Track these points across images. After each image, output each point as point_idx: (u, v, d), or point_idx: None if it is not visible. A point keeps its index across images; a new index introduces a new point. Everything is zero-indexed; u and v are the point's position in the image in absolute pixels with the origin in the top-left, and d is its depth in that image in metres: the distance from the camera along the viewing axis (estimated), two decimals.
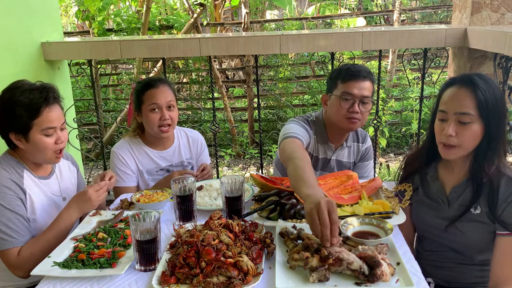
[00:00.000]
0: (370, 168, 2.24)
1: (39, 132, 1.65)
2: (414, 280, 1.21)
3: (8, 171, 1.66)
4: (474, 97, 1.46)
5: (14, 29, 2.46)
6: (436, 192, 1.67)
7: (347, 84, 1.98)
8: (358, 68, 2.01)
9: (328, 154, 2.16)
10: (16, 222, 1.60)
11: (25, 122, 1.62)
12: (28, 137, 1.65)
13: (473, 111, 1.47)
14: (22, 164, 1.72)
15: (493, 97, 1.47)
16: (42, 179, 1.78)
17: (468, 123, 1.47)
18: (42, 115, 1.64)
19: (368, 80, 1.99)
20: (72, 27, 10.58)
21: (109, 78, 7.36)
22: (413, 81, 5.77)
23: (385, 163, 5.33)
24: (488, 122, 1.47)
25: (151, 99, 2.08)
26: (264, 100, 6.47)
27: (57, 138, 1.69)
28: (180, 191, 1.60)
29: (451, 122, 1.50)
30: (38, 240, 1.61)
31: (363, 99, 1.98)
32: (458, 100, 1.49)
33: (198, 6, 5.81)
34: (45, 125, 1.64)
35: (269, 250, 1.38)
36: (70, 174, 1.94)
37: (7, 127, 1.66)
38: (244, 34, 3.17)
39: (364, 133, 2.23)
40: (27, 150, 1.69)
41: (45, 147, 1.67)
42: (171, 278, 1.25)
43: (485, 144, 1.50)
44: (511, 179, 1.50)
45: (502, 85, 2.48)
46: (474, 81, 1.48)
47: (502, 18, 2.61)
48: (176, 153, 2.25)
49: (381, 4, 11.54)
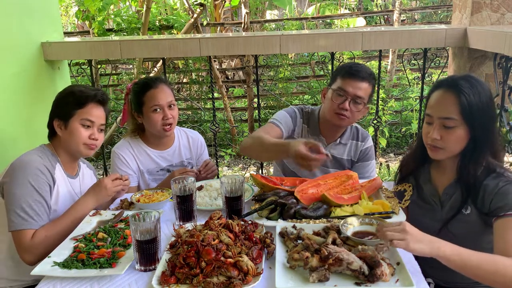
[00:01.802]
0: (371, 168, 2.23)
1: (78, 121, 1.79)
2: (414, 280, 1.21)
3: (43, 158, 1.76)
4: (458, 102, 1.47)
5: (14, 29, 2.46)
6: (429, 194, 1.67)
7: (344, 81, 2.01)
8: (360, 68, 2.03)
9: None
10: (39, 205, 1.67)
11: (70, 109, 1.79)
12: (67, 124, 1.79)
13: (456, 116, 1.48)
14: (56, 157, 1.82)
15: (478, 100, 1.47)
16: (69, 177, 1.87)
17: (452, 127, 1.49)
18: (86, 108, 1.80)
19: (365, 82, 2.01)
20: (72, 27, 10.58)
21: (109, 78, 7.36)
22: (413, 81, 5.77)
23: (385, 163, 5.33)
24: (473, 126, 1.48)
25: (153, 100, 2.08)
26: (264, 100, 6.47)
27: (92, 133, 1.81)
28: (180, 191, 1.60)
29: (436, 126, 1.52)
30: (54, 224, 1.67)
31: (355, 98, 2.00)
32: (442, 104, 1.51)
33: (198, 6, 5.81)
34: (85, 116, 1.79)
35: (269, 250, 1.38)
36: (90, 181, 2.01)
37: (55, 113, 1.81)
38: (244, 34, 3.17)
39: (365, 133, 2.23)
40: (63, 138, 1.81)
41: (79, 137, 1.79)
42: (171, 278, 1.25)
43: (471, 147, 1.51)
44: (499, 175, 1.50)
45: (502, 85, 2.48)
46: (458, 85, 1.49)
47: (502, 18, 2.61)
48: (176, 153, 2.25)
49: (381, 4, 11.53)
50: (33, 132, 2.50)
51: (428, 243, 1.28)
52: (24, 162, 1.70)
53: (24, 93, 2.52)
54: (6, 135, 2.34)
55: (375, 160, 2.28)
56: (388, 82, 6.81)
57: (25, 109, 2.51)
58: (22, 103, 2.50)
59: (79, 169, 1.96)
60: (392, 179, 1.89)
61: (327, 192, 1.70)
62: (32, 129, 2.51)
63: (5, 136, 2.33)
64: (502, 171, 1.51)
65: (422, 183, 1.71)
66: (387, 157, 5.81)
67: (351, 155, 2.20)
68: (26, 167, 1.68)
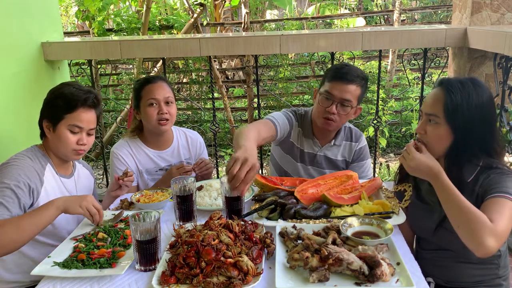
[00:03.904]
0: (367, 168, 2.23)
1: (66, 127, 1.75)
2: (414, 280, 1.21)
3: (33, 160, 1.74)
4: (443, 101, 1.50)
5: (14, 29, 2.46)
6: (427, 194, 1.68)
7: (331, 84, 2.00)
8: (347, 70, 1.99)
9: (314, 149, 2.17)
10: (10, 200, 1.56)
11: (59, 112, 1.74)
12: (55, 128, 1.75)
13: (440, 114, 1.51)
14: (47, 158, 1.80)
15: (465, 102, 1.48)
16: (63, 177, 1.85)
17: (435, 123, 1.53)
18: (76, 112, 1.75)
19: (353, 84, 1.98)
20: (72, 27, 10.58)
21: (109, 78, 7.36)
22: (413, 81, 5.77)
23: (385, 163, 5.33)
24: (455, 126, 1.50)
25: (149, 94, 2.09)
26: (264, 100, 6.47)
27: (80, 139, 1.77)
28: (180, 191, 1.60)
29: (423, 120, 1.58)
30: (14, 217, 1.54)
31: (342, 102, 1.99)
32: (430, 101, 1.57)
33: (198, 6, 5.81)
34: (73, 122, 1.75)
35: (269, 250, 1.38)
36: (87, 182, 2.01)
37: (44, 114, 1.79)
38: (244, 34, 3.17)
39: (359, 133, 2.22)
40: (51, 141, 1.78)
41: (66, 143, 1.75)
42: (171, 278, 1.25)
43: (453, 148, 1.53)
44: (493, 168, 1.50)
45: (502, 85, 2.48)
46: (449, 85, 1.52)
47: (502, 18, 2.61)
48: (175, 153, 2.25)
49: (381, 4, 11.53)
50: (33, 132, 2.48)
51: (426, 175, 1.50)
52: (10, 165, 1.64)
53: (24, 93, 2.52)
54: (6, 134, 2.34)
55: (370, 159, 2.27)
56: (388, 82, 6.80)
57: (25, 109, 2.51)
58: (22, 103, 2.50)
59: (74, 169, 1.94)
60: (392, 179, 1.89)
61: (327, 192, 1.70)
62: (32, 129, 2.49)
63: (5, 135, 2.33)
64: (496, 165, 1.52)
65: (419, 183, 1.71)
66: (387, 157, 5.82)
67: (345, 156, 2.20)
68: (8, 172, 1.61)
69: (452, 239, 1.55)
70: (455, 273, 1.65)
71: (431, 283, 1.67)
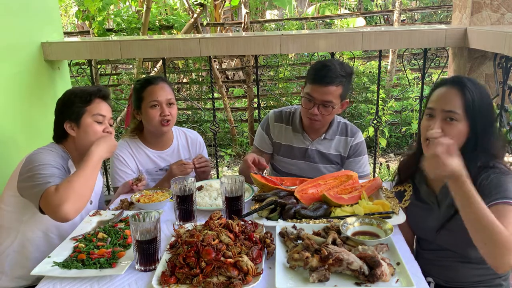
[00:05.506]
0: (364, 163, 2.22)
1: (91, 117, 1.78)
2: (414, 280, 1.21)
3: (56, 153, 1.76)
4: (462, 97, 1.50)
5: (14, 29, 2.46)
6: (426, 195, 1.67)
7: (312, 87, 2.01)
8: (325, 72, 1.96)
9: (305, 144, 2.19)
10: (56, 170, 1.65)
11: (78, 108, 1.77)
12: (80, 123, 1.78)
13: (459, 110, 1.50)
14: (67, 154, 1.82)
15: (480, 100, 1.50)
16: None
17: (454, 121, 1.50)
18: (94, 103, 1.80)
19: (333, 85, 1.96)
20: (72, 27, 10.57)
21: (109, 78, 7.35)
22: (413, 81, 5.77)
23: (385, 163, 5.33)
24: (474, 123, 1.50)
25: (151, 96, 2.08)
26: (264, 100, 6.46)
27: (106, 127, 1.81)
28: (180, 191, 1.60)
29: (438, 118, 1.53)
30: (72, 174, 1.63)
31: (324, 103, 2.00)
32: (446, 98, 1.53)
33: (198, 6, 5.81)
34: (96, 111, 1.79)
35: (269, 250, 1.38)
36: (98, 181, 1.97)
37: (63, 117, 1.79)
38: (244, 34, 3.17)
39: (355, 129, 2.22)
40: (78, 138, 1.79)
41: (94, 132, 1.78)
42: (171, 278, 1.25)
43: (469, 145, 1.52)
44: (492, 167, 1.50)
45: (502, 85, 2.48)
46: (463, 82, 1.52)
47: (502, 18, 2.61)
48: (175, 153, 2.25)
49: (381, 4, 11.52)
50: (33, 132, 2.50)
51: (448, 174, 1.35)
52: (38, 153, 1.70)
53: (24, 93, 2.52)
54: (6, 134, 2.34)
55: (367, 156, 2.27)
56: (388, 82, 6.80)
57: (25, 109, 2.50)
58: (22, 103, 2.50)
59: None
60: (392, 179, 1.89)
61: (327, 192, 1.70)
62: (32, 129, 2.51)
63: (5, 135, 2.33)
64: (495, 164, 1.51)
65: (418, 184, 1.71)
66: (387, 157, 5.81)
67: (340, 151, 2.20)
68: (41, 157, 1.67)
69: (453, 239, 1.55)
70: (455, 273, 1.65)
71: (431, 283, 1.67)
